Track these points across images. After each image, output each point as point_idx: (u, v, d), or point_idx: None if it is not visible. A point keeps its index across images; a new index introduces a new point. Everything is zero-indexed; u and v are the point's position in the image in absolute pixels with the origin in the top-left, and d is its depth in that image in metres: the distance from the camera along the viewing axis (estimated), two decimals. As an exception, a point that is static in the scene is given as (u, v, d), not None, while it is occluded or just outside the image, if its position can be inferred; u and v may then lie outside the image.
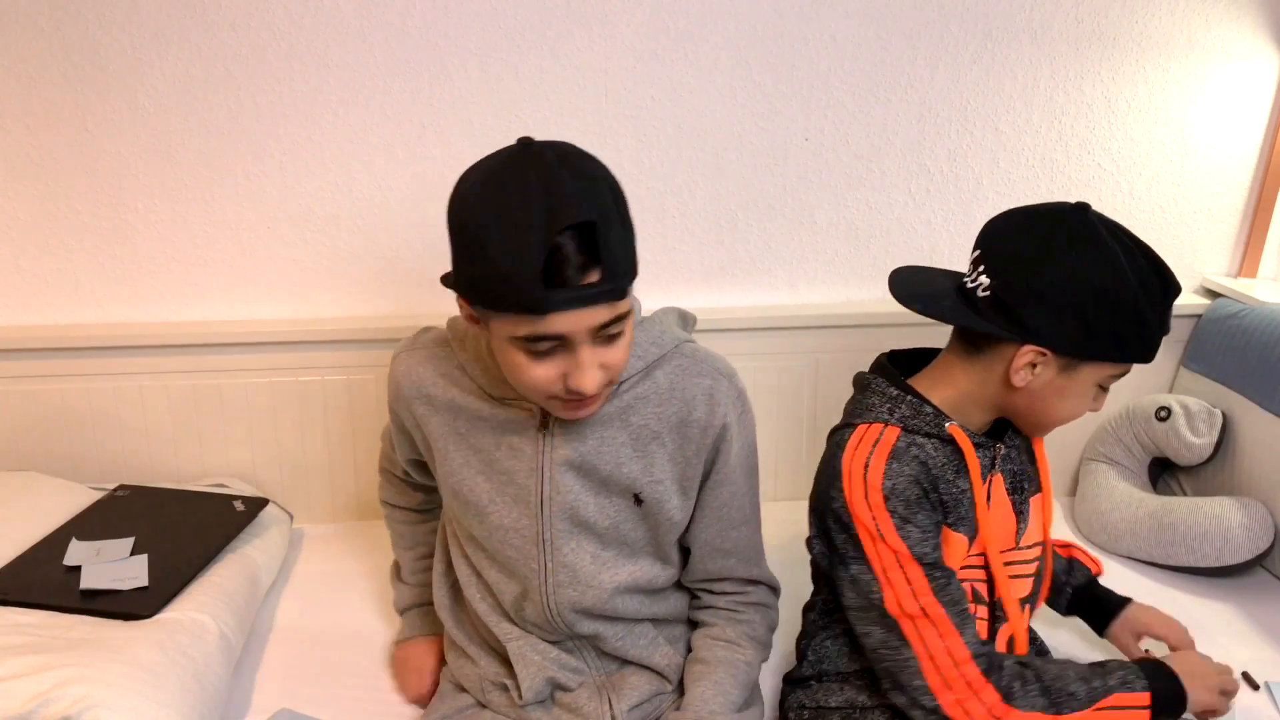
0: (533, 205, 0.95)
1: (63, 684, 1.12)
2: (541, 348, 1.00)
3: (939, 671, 1.13)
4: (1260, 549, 1.66)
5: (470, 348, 1.18)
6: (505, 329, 1.00)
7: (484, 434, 1.18)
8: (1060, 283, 1.09)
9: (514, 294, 0.95)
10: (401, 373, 1.23)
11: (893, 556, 1.13)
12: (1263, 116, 1.94)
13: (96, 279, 1.76)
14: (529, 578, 1.20)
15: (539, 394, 1.05)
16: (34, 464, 1.76)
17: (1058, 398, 1.15)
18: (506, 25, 1.69)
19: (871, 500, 1.13)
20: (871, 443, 1.16)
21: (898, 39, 1.79)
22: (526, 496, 1.17)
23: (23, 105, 1.65)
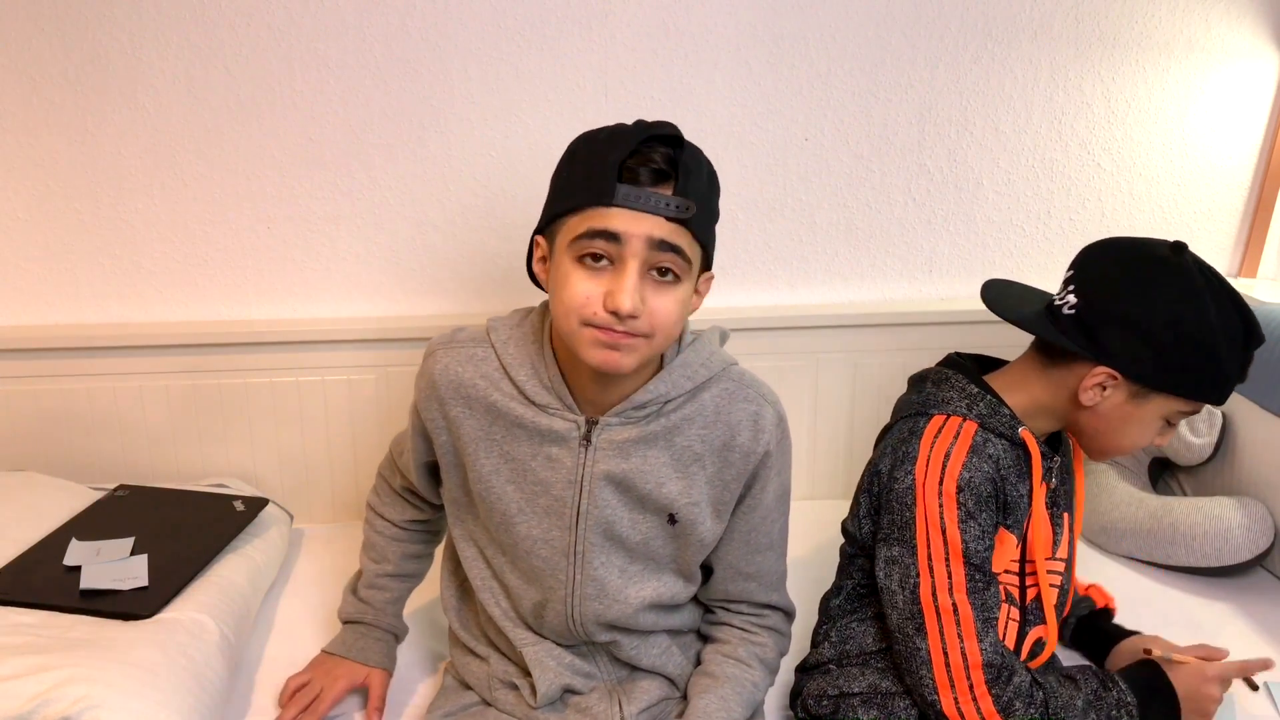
0: (634, 125, 1.05)
1: (62, 684, 1.12)
2: (593, 247, 1.00)
3: (948, 670, 1.14)
4: (1260, 549, 1.66)
5: (516, 348, 1.15)
6: (569, 232, 1.02)
7: (520, 442, 1.15)
8: (1140, 311, 1.13)
9: (588, 183, 1.01)
10: (439, 370, 1.17)
11: (943, 548, 1.15)
12: (1263, 116, 1.93)
13: (96, 279, 1.76)
14: (554, 588, 1.19)
15: (575, 315, 1.02)
16: (34, 464, 1.76)
17: (1123, 423, 1.19)
18: (506, 25, 1.69)
19: (945, 488, 1.15)
20: (953, 434, 1.18)
21: (898, 39, 1.79)
22: (561, 509, 1.16)
23: (23, 105, 1.65)
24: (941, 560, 1.15)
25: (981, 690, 1.13)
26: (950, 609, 1.14)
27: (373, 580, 1.37)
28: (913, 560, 1.16)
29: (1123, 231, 1.99)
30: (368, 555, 1.39)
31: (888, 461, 1.22)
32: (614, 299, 1.00)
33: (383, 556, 1.38)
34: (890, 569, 1.19)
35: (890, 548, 1.19)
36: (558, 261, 1.05)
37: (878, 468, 1.24)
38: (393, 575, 1.38)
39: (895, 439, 1.23)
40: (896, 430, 1.25)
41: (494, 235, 1.81)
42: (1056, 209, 1.94)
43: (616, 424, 1.13)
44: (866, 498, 1.26)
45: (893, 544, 1.19)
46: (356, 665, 1.32)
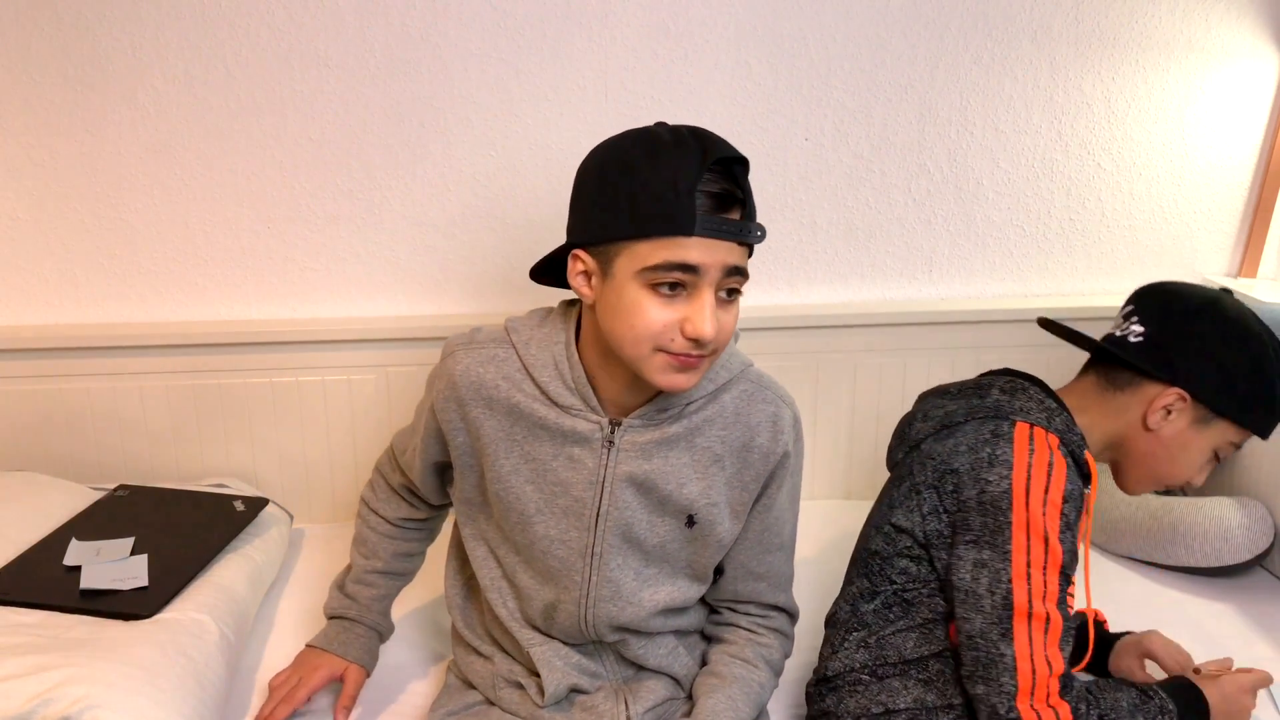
0: (685, 139, 1.00)
1: (62, 684, 1.12)
2: (670, 278, 0.98)
3: (1032, 676, 1.13)
4: (1260, 549, 1.66)
5: (538, 349, 1.14)
6: (637, 259, 0.99)
7: (542, 442, 1.14)
8: (1215, 336, 1.20)
9: (665, 210, 0.97)
10: (460, 371, 1.15)
11: (1043, 557, 1.13)
12: (1263, 117, 1.93)
13: (96, 279, 1.76)
14: (569, 589, 1.19)
15: (648, 342, 1.01)
16: (34, 464, 1.76)
17: (1181, 449, 1.23)
18: (506, 25, 1.69)
19: (1050, 499, 1.14)
20: (1045, 444, 1.17)
21: (898, 39, 1.79)
22: (580, 509, 1.15)
23: (23, 105, 1.65)
24: (1040, 569, 1.13)
25: (1056, 699, 1.13)
26: (1043, 618, 1.13)
27: (361, 576, 1.36)
28: (1004, 566, 1.14)
29: (1122, 231, 1.99)
30: (358, 550, 1.38)
31: (965, 460, 1.18)
32: (695, 327, 0.99)
33: (373, 553, 1.36)
34: (979, 572, 1.16)
35: (979, 550, 1.16)
36: (621, 286, 1.01)
37: (952, 466, 1.20)
38: (382, 572, 1.36)
39: (973, 439, 1.19)
40: (972, 430, 1.20)
41: (494, 235, 1.81)
42: (1056, 209, 1.94)
43: (639, 425, 1.13)
44: (934, 494, 1.21)
45: (983, 547, 1.15)
46: (336, 658, 1.32)
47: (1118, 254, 2.00)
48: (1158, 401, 1.21)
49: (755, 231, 1.01)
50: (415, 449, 1.26)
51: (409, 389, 1.82)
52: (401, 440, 1.33)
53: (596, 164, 1.05)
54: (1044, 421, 1.19)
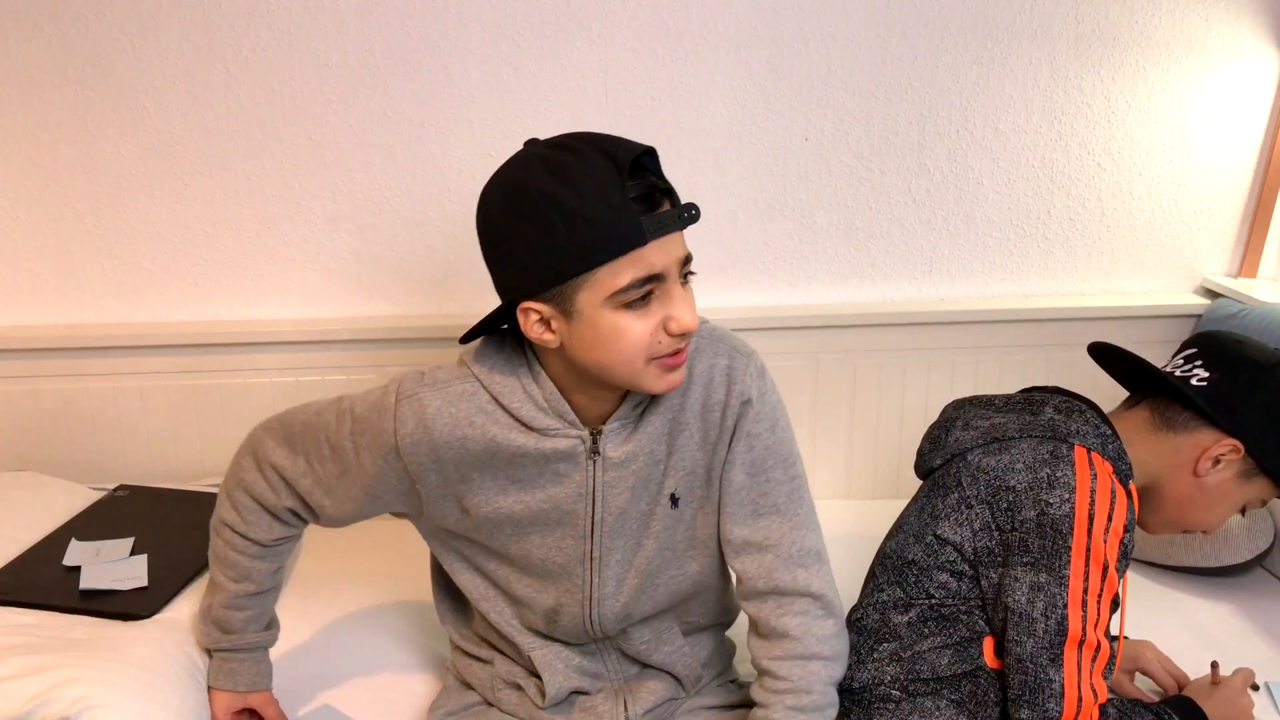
0: (584, 151, 0.97)
1: (61, 684, 1.12)
2: (641, 293, 0.98)
3: (1078, 704, 1.12)
4: (1260, 549, 1.66)
5: (504, 376, 1.10)
6: (601, 290, 0.97)
7: (525, 466, 1.11)
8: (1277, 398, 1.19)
9: (611, 233, 0.95)
10: (433, 412, 1.09)
11: (1100, 585, 1.13)
12: (1263, 117, 1.93)
13: (96, 279, 1.76)
14: (570, 592, 1.17)
15: (641, 357, 1.01)
16: (34, 464, 1.76)
17: (1219, 499, 1.23)
18: (506, 25, 1.69)
19: (1113, 527, 1.13)
20: (1109, 472, 1.16)
21: (898, 39, 1.79)
22: (574, 520, 1.13)
23: (23, 105, 1.65)
24: (1095, 597, 1.12)
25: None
26: (1094, 645, 1.12)
27: (231, 601, 1.24)
28: (1061, 591, 1.12)
29: (1122, 231, 1.99)
30: (223, 573, 1.23)
31: (1024, 479, 1.16)
32: (678, 323, 1.00)
33: (244, 576, 1.23)
34: (1035, 595, 1.13)
35: (1037, 573, 1.13)
36: (593, 318, 0.99)
37: (1008, 483, 1.17)
38: (255, 594, 1.25)
39: (1031, 458, 1.17)
40: (1029, 448, 1.18)
41: (494, 235, 1.81)
42: (1056, 209, 1.94)
43: (618, 428, 1.11)
44: (986, 510, 1.18)
45: (1040, 570, 1.13)
46: (231, 695, 1.25)
47: (1118, 254, 2.00)
48: (1213, 450, 1.19)
49: (691, 211, 1.00)
50: (347, 493, 1.16)
51: (409, 389, 1.82)
52: (294, 467, 1.18)
53: (508, 212, 0.99)
54: (1099, 447, 1.18)
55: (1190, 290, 2.04)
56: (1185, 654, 1.51)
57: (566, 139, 1.00)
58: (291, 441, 1.18)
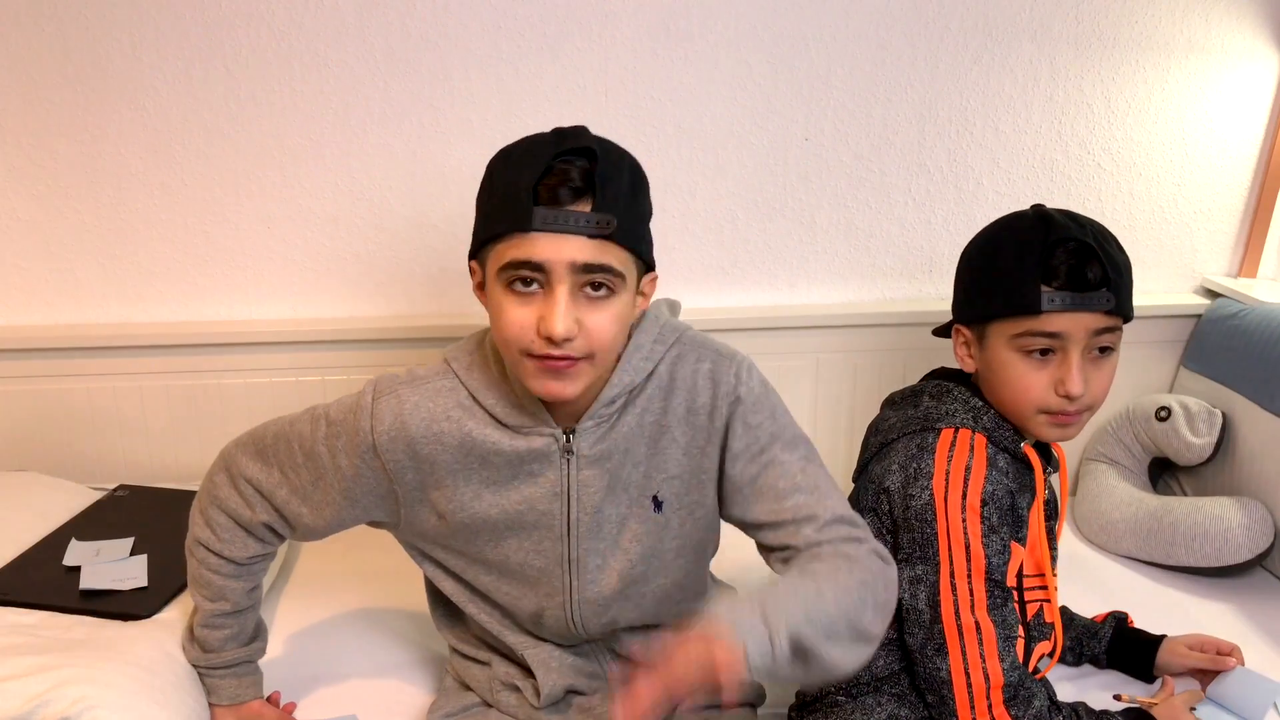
0: (545, 138, 1.02)
1: (61, 684, 1.12)
2: (522, 274, 0.98)
3: (969, 690, 1.13)
4: (1260, 549, 1.66)
5: (481, 373, 1.11)
6: (494, 262, 1.00)
7: (499, 467, 1.11)
8: (963, 264, 1.28)
9: (505, 207, 0.98)
10: (410, 408, 1.09)
11: (966, 564, 1.14)
12: (1263, 117, 1.93)
13: (96, 279, 1.76)
14: (551, 595, 1.17)
15: (515, 345, 1.00)
16: (34, 464, 1.76)
17: (1000, 370, 1.21)
18: (506, 25, 1.69)
19: (969, 503, 1.14)
20: (967, 447, 1.17)
21: (898, 39, 1.79)
22: (550, 522, 1.13)
23: (23, 105, 1.65)
24: (964, 577, 1.14)
25: (1000, 711, 1.12)
26: (973, 627, 1.13)
27: (209, 620, 1.23)
28: (936, 579, 1.15)
29: (1122, 231, 1.97)
30: (199, 592, 1.22)
31: (897, 479, 1.20)
32: (546, 325, 0.97)
33: (219, 595, 1.22)
34: (916, 589, 1.17)
35: (913, 567, 1.17)
36: (490, 289, 1.02)
37: (885, 485, 1.21)
38: (231, 613, 1.23)
39: (903, 456, 1.21)
40: (902, 447, 1.22)
41: (494, 235, 1.81)
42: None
43: (593, 426, 1.10)
44: (874, 518, 1.23)
45: (915, 563, 1.17)
46: (226, 710, 1.25)
47: (1118, 254, 2.00)
48: (955, 344, 1.28)
49: (602, 222, 0.97)
50: (324, 499, 1.15)
51: (409, 389, 1.82)
52: (268, 478, 1.17)
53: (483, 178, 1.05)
54: (970, 422, 1.20)
55: (1190, 290, 2.04)
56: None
57: (563, 128, 1.03)
58: (264, 454, 1.17)
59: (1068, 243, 1.14)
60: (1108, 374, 1.19)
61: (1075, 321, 1.14)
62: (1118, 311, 1.16)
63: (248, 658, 1.26)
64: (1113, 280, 1.14)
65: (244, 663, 1.26)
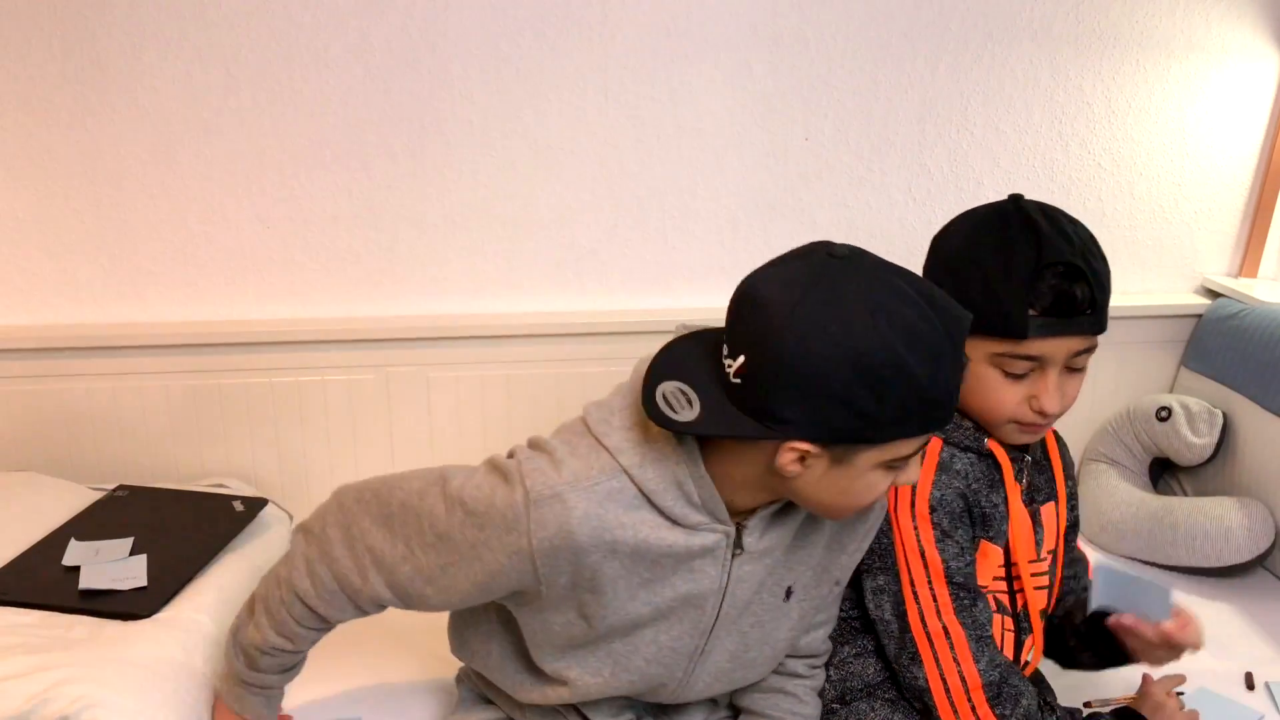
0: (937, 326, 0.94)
1: (61, 683, 1.12)
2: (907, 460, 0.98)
3: (948, 695, 1.13)
4: (1261, 549, 1.66)
5: (656, 470, 1.00)
6: (887, 454, 0.95)
7: (665, 567, 1.03)
8: None
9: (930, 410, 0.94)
10: (579, 517, 0.97)
11: (924, 571, 1.14)
12: (1263, 116, 1.93)
13: (96, 279, 1.76)
14: (665, 684, 1.12)
15: (870, 503, 1.00)
16: (34, 464, 1.75)
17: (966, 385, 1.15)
18: (506, 25, 1.69)
19: (917, 510, 1.14)
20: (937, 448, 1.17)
21: (898, 39, 1.79)
22: (699, 617, 1.07)
23: (23, 105, 1.65)
24: (924, 584, 1.14)
25: (985, 711, 1.12)
26: (941, 632, 1.13)
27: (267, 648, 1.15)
28: (899, 588, 1.15)
29: (1122, 231, 1.99)
30: (269, 623, 1.14)
31: None
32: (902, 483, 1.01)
33: (292, 638, 1.15)
34: (880, 599, 1.17)
35: (875, 578, 1.18)
36: (859, 472, 0.96)
37: None
38: (293, 653, 1.18)
39: None
40: None
41: (494, 235, 1.81)
42: (1057, 209, 1.94)
43: (760, 524, 1.05)
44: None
45: (877, 573, 1.17)
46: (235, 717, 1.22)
47: (1118, 254, 1.99)
48: None
49: None
50: (453, 585, 1.05)
51: (409, 389, 1.82)
52: (392, 551, 1.06)
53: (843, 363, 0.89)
54: None
55: (1190, 290, 2.04)
56: (1186, 654, 1.51)
57: (915, 294, 0.91)
58: (389, 522, 1.06)
59: (1057, 266, 1.10)
60: (1079, 383, 1.16)
61: (1059, 345, 1.10)
62: (1102, 329, 1.13)
63: (283, 683, 1.22)
64: (1098, 301, 1.11)
65: (277, 687, 1.22)
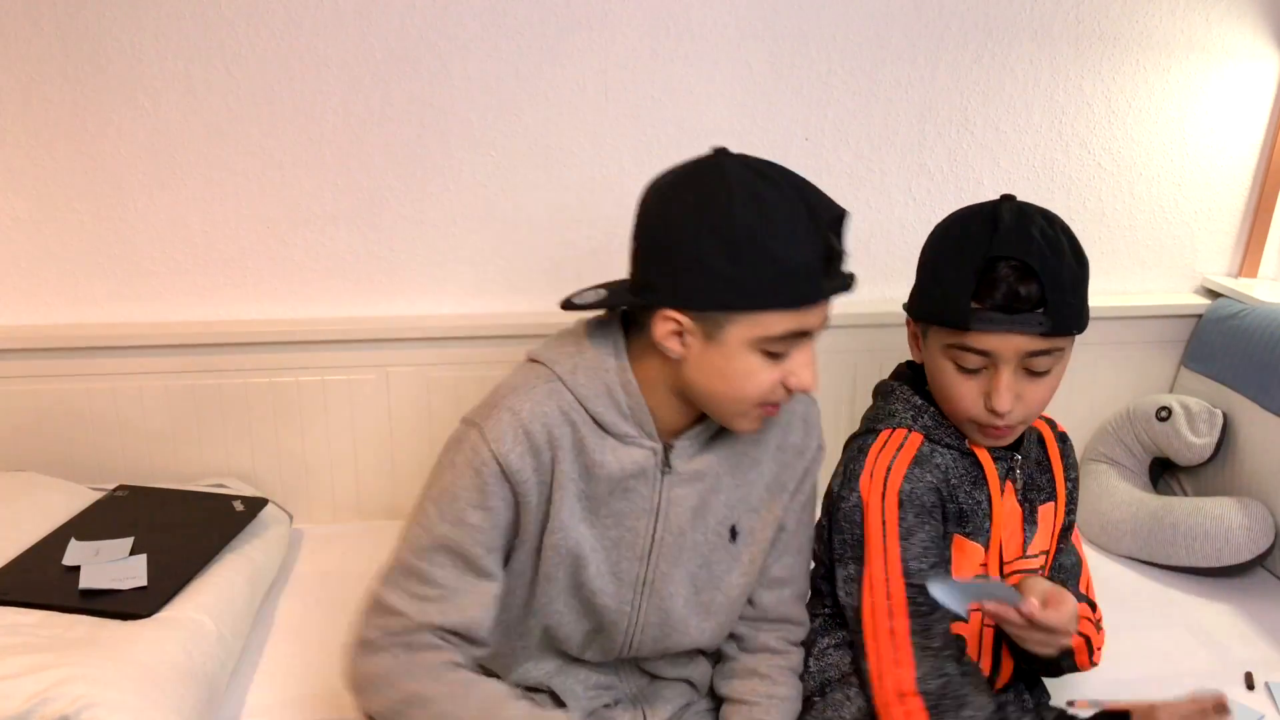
0: (793, 199, 0.99)
1: (61, 683, 1.12)
2: (786, 346, 1.01)
3: (881, 695, 1.14)
4: (1260, 549, 1.66)
5: (587, 377, 1.05)
6: (755, 330, 0.98)
7: (598, 480, 1.06)
8: None
9: (794, 283, 0.98)
10: (529, 415, 1.02)
11: (883, 566, 1.14)
12: (1263, 117, 1.93)
13: (96, 279, 1.76)
14: (616, 621, 1.13)
15: (752, 401, 1.02)
16: (34, 464, 1.75)
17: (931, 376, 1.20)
18: (506, 25, 1.69)
19: (888, 502, 1.15)
20: (896, 446, 1.18)
21: (898, 39, 1.79)
22: (634, 540, 1.09)
23: (23, 105, 1.65)
24: (882, 580, 1.14)
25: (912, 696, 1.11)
26: (888, 631, 1.14)
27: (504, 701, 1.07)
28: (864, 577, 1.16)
29: (1122, 231, 1.99)
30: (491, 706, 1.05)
31: (838, 480, 1.22)
32: (801, 382, 1.04)
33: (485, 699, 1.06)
34: (850, 587, 1.18)
35: (846, 567, 1.18)
36: (731, 351, 0.99)
37: (831, 488, 1.24)
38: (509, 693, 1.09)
39: (846, 457, 1.24)
40: (846, 453, 1.25)
41: (493, 235, 1.81)
42: (1056, 209, 1.91)
43: (689, 445, 1.09)
44: (826, 517, 1.25)
45: (848, 563, 1.18)
46: None
47: (1118, 254, 1.99)
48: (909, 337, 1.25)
49: (853, 282, 1.05)
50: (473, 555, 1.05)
51: (409, 389, 1.82)
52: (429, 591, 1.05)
53: (696, 224, 0.97)
54: (908, 422, 1.20)
55: (1190, 290, 2.04)
56: (1185, 654, 1.52)
57: (767, 169, 1.00)
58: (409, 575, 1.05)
59: (1009, 259, 1.09)
60: (1045, 388, 1.13)
61: (1004, 342, 1.09)
62: (1057, 332, 1.09)
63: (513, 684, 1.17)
64: (1051, 301, 1.07)
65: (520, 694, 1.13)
